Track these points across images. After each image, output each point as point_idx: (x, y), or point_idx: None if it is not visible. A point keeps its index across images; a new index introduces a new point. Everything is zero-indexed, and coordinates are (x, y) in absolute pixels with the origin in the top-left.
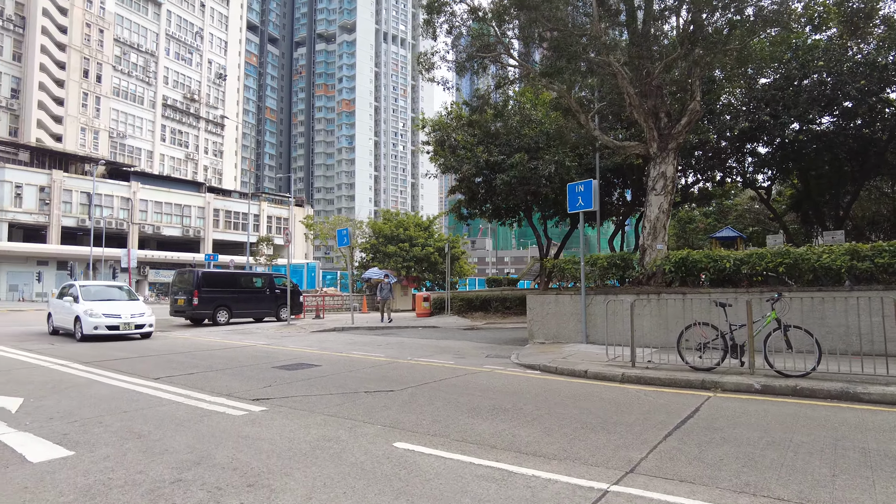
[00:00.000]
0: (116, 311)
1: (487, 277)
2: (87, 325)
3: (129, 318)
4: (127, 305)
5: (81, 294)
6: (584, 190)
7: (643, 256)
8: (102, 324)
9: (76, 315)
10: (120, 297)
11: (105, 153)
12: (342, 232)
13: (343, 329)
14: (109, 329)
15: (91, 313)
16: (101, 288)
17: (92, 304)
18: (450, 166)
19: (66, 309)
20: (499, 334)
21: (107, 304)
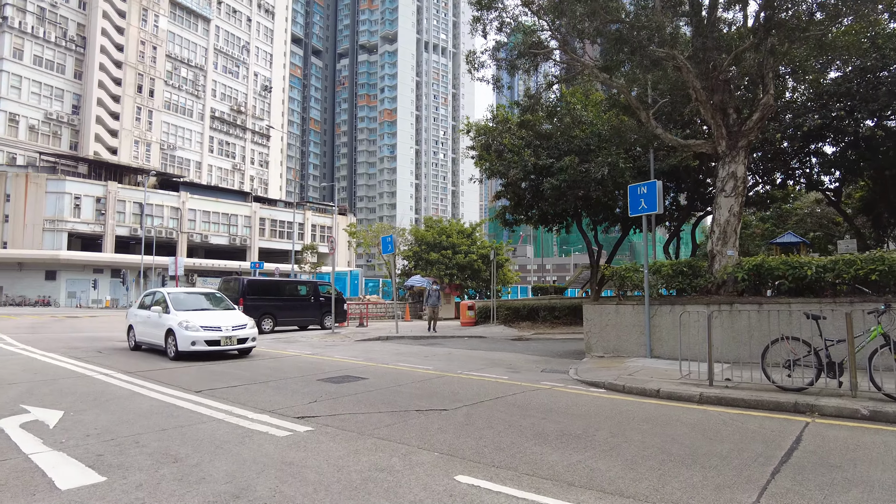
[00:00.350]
0: (216, 323)
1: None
2: (184, 340)
3: (231, 330)
4: (224, 316)
5: (172, 303)
6: (648, 192)
7: (712, 263)
8: (201, 338)
9: (168, 328)
10: (212, 305)
11: (156, 165)
12: (386, 239)
13: (388, 338)
14: (209, 344)
15: (188, 326)
16: (191, 296)
17: (187, 316)
18: (496, 171)
19: (152, 321)
20: (550, 346)
21: (203, 315)
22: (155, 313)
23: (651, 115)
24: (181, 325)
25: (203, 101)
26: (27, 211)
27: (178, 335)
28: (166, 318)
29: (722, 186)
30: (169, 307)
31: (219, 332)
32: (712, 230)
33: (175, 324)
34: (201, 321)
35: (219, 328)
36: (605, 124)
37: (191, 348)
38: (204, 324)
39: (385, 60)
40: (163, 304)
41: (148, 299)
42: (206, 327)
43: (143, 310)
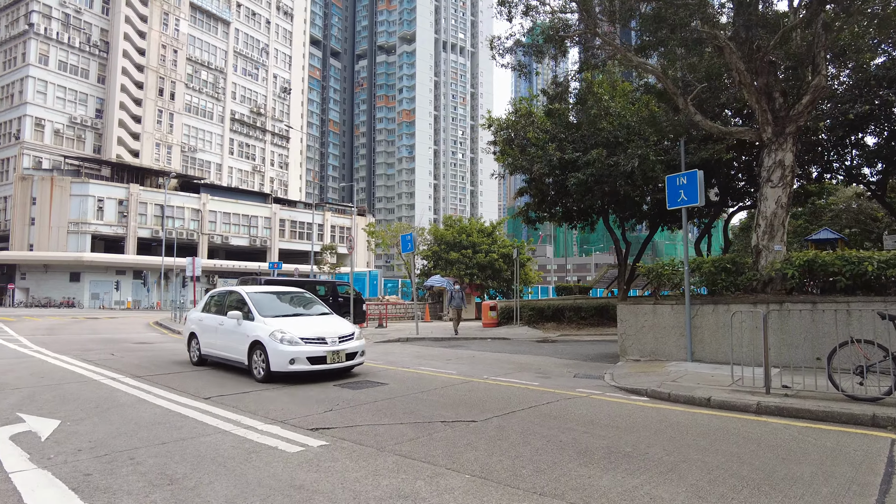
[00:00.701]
0: (317, 333)
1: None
2: (280, 356)
3: (337, 343)
4: (325, 323)
5: (255, 306)
6: (688, 182)
7: (757, 259)
8: (302, 354)
9: (254, 340)
10: (302, 308)
11: (177, 167)
12: (406, 237)
13: (408, 340)
14: (313, 362)
15: (284, 337)
16: (275, 297)
17: (280, 323)
18: (519, 166)
19: (226, 330)
20: (579, 349)
21: (298, 323)
22: (232, 319)
23: (689, 101)
24: (274, 337)
25: (223, 104)
26: (52, 213)
27: (270, 350)
28: (250, 326)
29: (768, 176)
30: (252, 312)
31: (323, 344)
32: (757, 223)
33: (265, 334)
34: (300, 330)
35: (322, 339)
36: (634, 115)
37: (288, 368)
38: (305, 334)
39: (403, 61)
40: (242, 307)
41: (216, 301)
42: (308, 339)
43: (210, 314)
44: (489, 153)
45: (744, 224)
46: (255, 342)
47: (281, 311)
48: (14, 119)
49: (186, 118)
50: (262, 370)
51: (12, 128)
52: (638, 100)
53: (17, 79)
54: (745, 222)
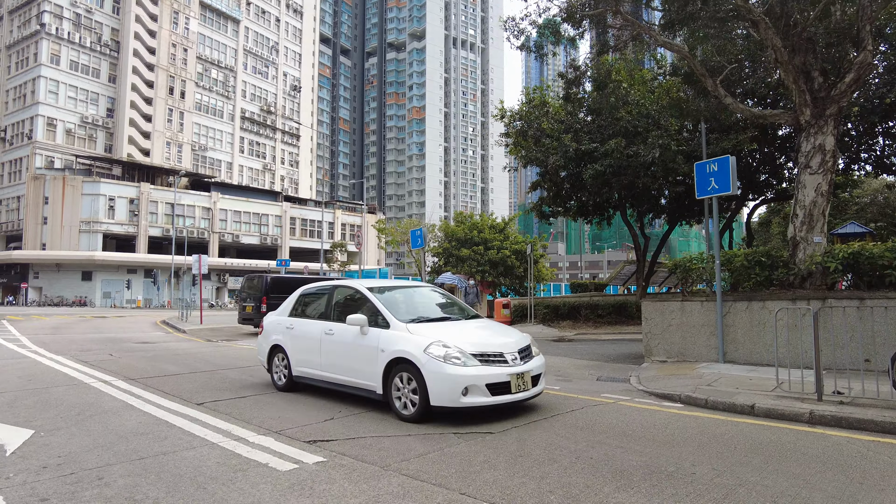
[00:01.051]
0: (492, 346)
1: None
2: (445, 382)
3: (519, 361)
4: (488, 331)
5: (388, 308)
6: (719, 169)
7: (794, 252)
8: (481, 380)
9: (397, 356)
10: (445, 312)
11: (188, 165)
12: (416, 233)
13: None
14: (493, 392)
15: (449, 353)
16: (408, 291)
17: (436, 331)
18: (532, 158)
19: (341, 342)
20: (598, 348)
21: (454, 331)
22: (353, 327)
23: (718, 83)
24: (433, 354)
25: (233, 102)
26: (64, 213)
27: (428, 373)
28: (385, 337)
29: (806, 162)
30: (385, 315)
31: (503, 365)
32: (794, 213)
33: (417, 349)
34: (464, 342)
35: (501, 357)
36: (654, 104)
37: (461, 402)
38: (476, 349)
39: (413, 58)
40: (367, 309)
41: (313, 300)
42: (484, 356)
43: (305, 319)
44: (501, 145)
45: (762, 219)
46: (396, 360)
47: (424, 314)
48: (26, 119)
49: (197, 117)
50: (411, 403)
51: (25, 128)
52: (658, 87)
53: (29, 79)
54: (763, 217)
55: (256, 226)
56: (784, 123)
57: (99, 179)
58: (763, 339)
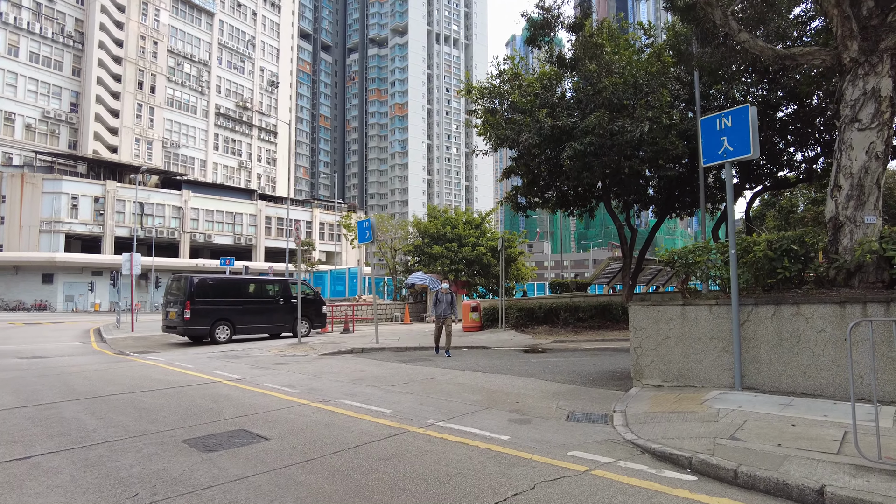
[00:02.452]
0: None
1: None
2: None
3: None
4: None
5: None
6: (734, 124)
7: (836, 237)
8: None
9: None
10: None
11: (159, 163)
12: (363, 224)
13: (363, 351)
14: None
15: None
16: None
17: None
18: (504, 137)
19: None
20: (576, 362)
21: None
22: None
23: (730, 15)
24: None
25: (207, 98)
26: (23, 212)
27: None
28: None
29: (853, 115)
30: None
31: None
32: (835, 185)
33: None
34: None
35: None
36: (643, 70)
37: None
38: None
39: (395, 54)
40: None
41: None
42: None
43: None
44: (472, 126)
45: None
46: None
47: None
48: None
49: (168, 112)
50: None
51: None
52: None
53: None
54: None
55: (230, 225)
56: (820, 65)
57: (61, 177)
58: (798, 359)
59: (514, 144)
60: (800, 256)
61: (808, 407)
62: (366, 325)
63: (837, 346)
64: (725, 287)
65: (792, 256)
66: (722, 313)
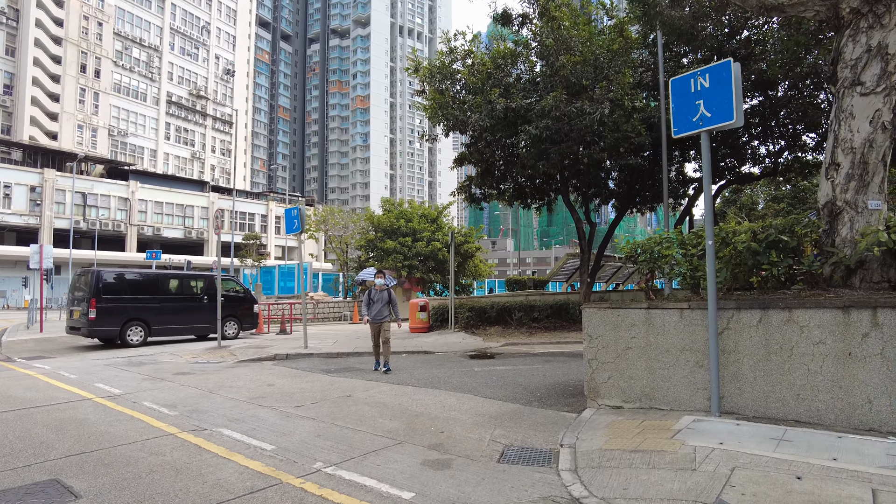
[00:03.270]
0: None
1: (508, 278)
2: None
3: None
4: None
5: None
6: (712, 84)
7: (833, 226)
8: None
9: None
10: None
11: (105, 152)
12: (291, 213)
13: (286, 357)
14: None
15: None
16: None
17: None
18: (452, 118)
19: None
20: (526, 372)
21: None
22: None
23: None
24: None
25: (158, 85)
26: None
27: None
28: None
29: (855, 77)
30: None
31: None
32: (832, 163)
33: None
34: None
35: None
36: (604, 48)
37: None
38: None
39: (358, 45)
40: None
41: None
42: None
43: None
44: (420, 108)
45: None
46: None
47: None
48: None
49: (115, 99)
50: None
51: None
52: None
53: None
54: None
55: (181, 218)
56: (814, 17)
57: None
58: (790, 377)
59: (464, 127)
60: (790, 250)
61: (807, 443)
62: (312, 326)
63: (840, 361)
64: (697, 286)
65: (781, 249)
66: (696, 319)
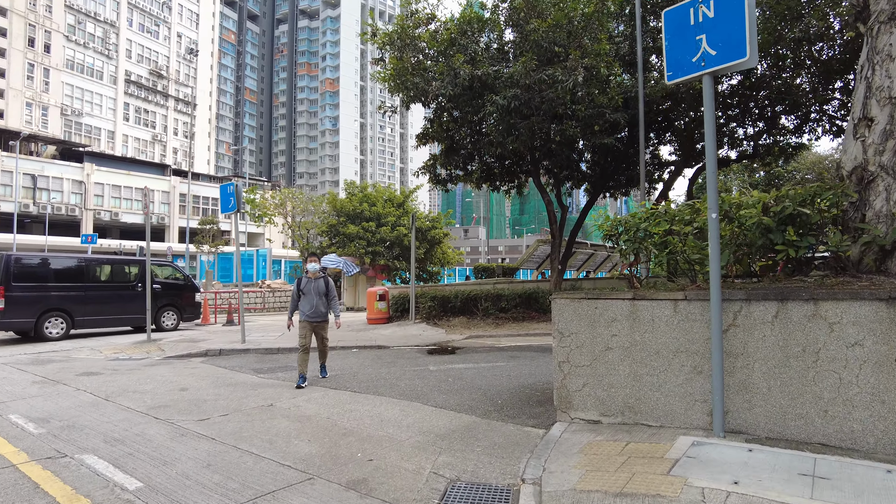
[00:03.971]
0: None
1: (476, 265)
2: None
3: None
4: None
5: None
6: (718, 14)
7: (864, 197)
8: None
9: None
10: None
11: (57, 132)
12: (226, 189)
13: (219, 353)
14: None
15: None
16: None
17: None
18: (413, 87)
19: None
20: (488, 371)
21: None
22: None
23: None
24: None
25: (116, 63)
26: None
27: None
28: None
29: (894, 8)
30: None
31: None
32: (862, 118)
33: None
34: None
35: None
36: (578, 12)
37: None
38: None
39: (327, 26)
40: None
41: None
42: None
43: None
44: (377, 79)
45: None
46: None
47: None
48: None
49: (68, 76)
50: None
51: None
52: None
53: None
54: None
55: (140, 202)
56: None
57: None
58: (815, 388)
59: (425, 97)
60: (811, 226)
61: (851, 482)
62: (265, 316)
63: (882, 369)
64: (695, 274)
65: (800, 225)
66: (693, 313)
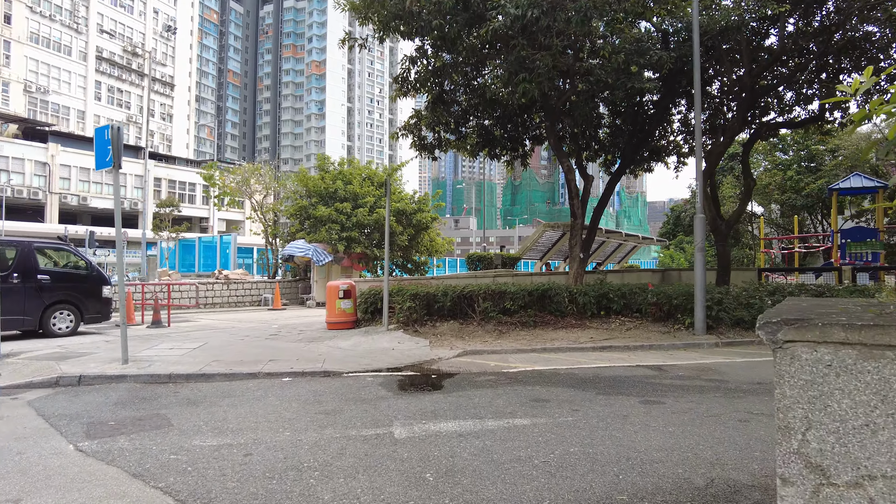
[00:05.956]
0: None
1: (470, 254)
2: None
3: None
4: None
5: None
6: None
7: None
8: None
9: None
10: None
11: (20, 109)
12: (101, 135)
13: (77, 383)
14: None
15: None
16: None
17: None
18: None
19: None
20: (507, 454)
21: None
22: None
23: None
24: None
25: (85, 38)
26: None
27: None
28: None
29: None
30: None
31: None
32: None
33: None
34: None
35: None
36: None
37: None
38: None
39: (314, 7)
40: None
41: None
42: None
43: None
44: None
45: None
46: None
47: None
48: None
49: (32, 50)
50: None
51: None
52: None
53: None
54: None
55: (111, 186)
56: None
57: None
58: None
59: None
60: None
61: None
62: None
63: None
64: None
65: None
66: None
